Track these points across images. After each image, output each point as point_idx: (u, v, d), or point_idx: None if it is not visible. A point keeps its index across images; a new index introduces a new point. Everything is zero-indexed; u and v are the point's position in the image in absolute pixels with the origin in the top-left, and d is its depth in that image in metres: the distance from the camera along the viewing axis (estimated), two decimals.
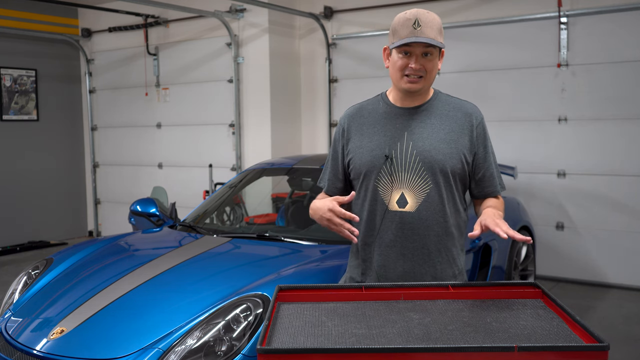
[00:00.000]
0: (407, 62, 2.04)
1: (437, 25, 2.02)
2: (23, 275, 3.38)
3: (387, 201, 2.08)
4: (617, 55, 5.44)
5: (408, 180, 2.06)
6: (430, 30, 1.99)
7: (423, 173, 2.06)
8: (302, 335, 1.57)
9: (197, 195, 7.17)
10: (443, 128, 2.09)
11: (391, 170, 2.07)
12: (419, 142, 2.07)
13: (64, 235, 8.26)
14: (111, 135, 8.28)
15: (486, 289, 1.87)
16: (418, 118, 2.11)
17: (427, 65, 2.04)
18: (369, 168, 2.11)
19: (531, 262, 5.09)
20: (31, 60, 7.90)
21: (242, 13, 6.82)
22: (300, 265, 3.06)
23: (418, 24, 1.99)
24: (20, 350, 2.64)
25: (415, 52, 2.02)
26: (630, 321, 4.72)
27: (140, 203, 4.33)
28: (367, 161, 2.11)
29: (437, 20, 2.03)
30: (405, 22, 2.01)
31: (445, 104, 2.15)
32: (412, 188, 2.06)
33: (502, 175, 5.66)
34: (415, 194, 2.06)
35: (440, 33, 2.03)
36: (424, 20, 2.00)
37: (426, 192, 2.06)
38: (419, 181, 2.06)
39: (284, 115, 6.97)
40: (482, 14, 6.02)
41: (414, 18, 2.00)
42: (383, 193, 2.09)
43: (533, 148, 5.87)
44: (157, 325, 2.58)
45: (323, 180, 2.33)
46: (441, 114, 2.12)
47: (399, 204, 2.07)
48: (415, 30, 1.99)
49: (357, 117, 2.21)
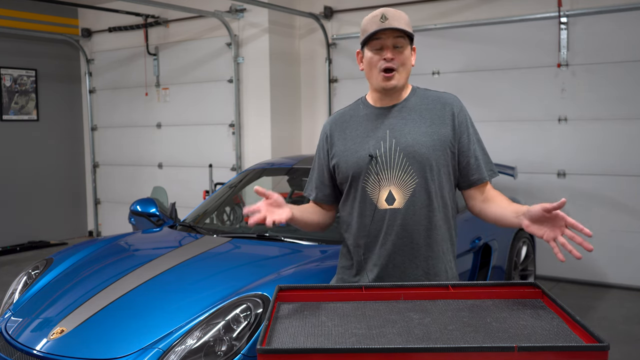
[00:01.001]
0: (380, 56, 2.06)
1: (404, 19, 2.06)
2: (23, 275, 3.38)
3: (375, 200, 2.08)
4: (617, 55, 5.44)
5: (394, 177, 2.07)
6: (397, 22, 2.03)
7: (408, 168, 2.05)
8: (302, 335, 1.57)
9: (197, 195, 7.17)
10: (424, 122, 2.10)
11: (377, 169, 2.07)
12: (402, 139, 2.07)
13: (64, 235, 8.26)
14: (111, 135, 8.28)
15: (486, 289, 1.87)
16: (399, 115, 2.12)
17: (399, 57, 2.06)
18: (355, 170, 2.11)
19: (531, 262, 5.09)
20: (31, 60, 7.90)
21: (242, 13, 6.82)
22: (300, 265, 3.06)
23: (385, 18, 2.03)
24: (20, 350, 2.64)
25: (386, 44, 2.05)
26: (630, 321, 4.72)
27: (140, 203, 4.32)
28: (352, 163, 2.11)
29: (404, 15, 2.07)
30: (372, 18, 2.07)
31: (423, 98, 2.15)
32: (399, 184, 2.06)
33: (502, 175, 5.70)
34: (402, 191, 2.06)
35: (409, 26, 2.06)
36: (391, 14, 2.04)
37: (413, 187, 2.06)
38: (405, 177, 2.06)
39: (284, 115, 6.97)
40: (482, 14, 6.02)
41: (380, 14, 2.05)
42: (371, 193, 2.09)
43: (533, 148, 5.87)
44: (157, 325, 2.58)
45: (308, 190, 2.32)
46: (421, 108, 2.12)
47: (387, 201, 2.07)
48: (382, 23, 2.03)
49: (339, 122, 2.22)
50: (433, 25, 6.23)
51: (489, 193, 2.16)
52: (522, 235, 4.87)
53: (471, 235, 4.02)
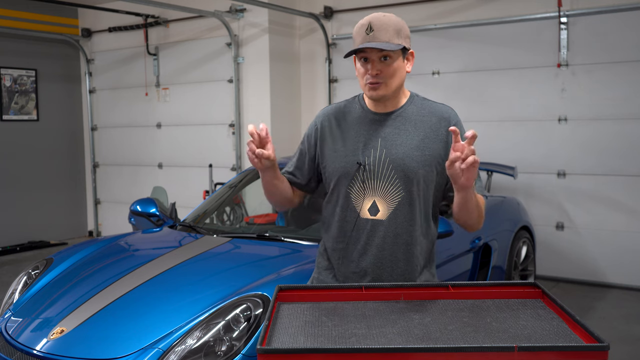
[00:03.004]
0: (366, 69, 2.02)
1: (392, 27, 1.97)
2: (23, 275, 3.38)
3: (358, 208, 2.05)
4: (617, 55, 5.43)
5: (380, 188, 2.03)
6: (384, 34, 1.95)
7: (395, 181, 2.02)
8: (302, 335, 1.57)
9: (197, 195, 7.17)
10: (417, 134, 2.05)
11: (364, 178, 2.04)
12: (393, 150, 2.03)
13: (64, 235, 8.26)
14: (111, 135, 8.27)
15: (486, 289, 1.87)
16: (392, 124, 2.07)
17: (386, 70, 1.99)
18: (341, 174, 2.07)
19: (531, 262, 5.09)
20: (31, 60, 7.90)
21: (242, 13, 6.82)
22: (300, 265, 3.06)
23: (370, 29, 1.96)
24: (20, 350, 2.64)
25: (372, 58, 1.99)
26: (630, 321, 4.72)
27: (140, 203, 4.32)
28: (340, 167, 2.07)
29: (393, 22, 1.98)
30: (359, 28, 2.00)
31: (420, 108, 2.10)
32: (384, 196, 2.03)
33: (502, 175, 5.68)
34: (387, 202, 2.03)
35: (398, 34, 1.97)
36: (377, 24, 1.96)
37: (397, 200, 2.02)
38: (391, 189, 2.03)
39: (284, 115, 6.97)
40: (482, 14, 6.02)
41: (367, 24, 1.98)
42: (355, 200, 2.06)
43: (533, 148, 5.87)
44: (157, 325, 2.58)
45: (286, 167, 2.23)
46: (416, 120, 2.07)
47: (370, 211, 2.04)
48: (367, 36, 1.96)
49: (332, 118, 2.16)
50: (433, 25, 6.22)
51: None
52: (522, 235, 4.87)
53: (471, 236, 4.02)
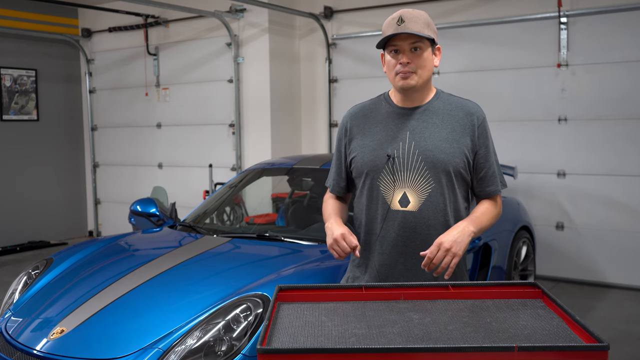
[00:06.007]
0: (397, 60, 2.08)
1: (422, 20, 2.05)
2: (23, 275, 3.38)
3: (389, 200, 2.10)
4: (617, 55, 5.44)
5: (410, 179, 2.08)
6: (414, 25, 2.03)
7: (425, 172, 2.07)
8: (302, 335, 1.56)
9: (197, 195, 7.17)
10: (445, 127, 2.11)
11: (393, 170, 2.09)
12: (422, 142, 2.09)
13: (64, 235, 8.26)
14: (111, 135, 8.28)
15: (486, 289, 1.87)
16: (420, 118, 2.13)
17: (417, 60, 2.07)
18: (371, 167, 2.12)
19: (531, 262, 5.09)
20: (31, 60, 7.90)
21: (242, 13, 6.82)
22: (300, 265, 3.06)
23: (402, 21, 2.04)
24: (20, 350, 2.64)
25: (403, 48, 2.06)
26: (630, 321, 4.72)
27: (140, 203, 4.32)
28: (369, 160, 2.13)
29: (423, 15, 2.07)
30: (390, 21, 2.08)
31: (447, 103, 2.16)
32: (415, 187, 2.08)
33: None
34: (417, 194, 2.08)
35: (428, 27, 2.06)
36: (408, 16, 2.04)
37: (428, 191, 2.07)
38: (421, 180, 2.07)
39: (284, 115, 6.97)
40: (482, 14, 6.02)
41: (398, 16, 2.06)
42: (385, 192, 2.11)
43: (533, 148, 5.87)
44: (157, 325, 2.58)
45: (329, 181, 2.36)
46: (443, 114, 2.13)
47: (401, 203, 2.09)
48: (398, 26, 2.03)
49: (359, 116, 2.23)
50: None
51: (483, 206, 2.18)
52: (522, 235, 4.87)
53: None
